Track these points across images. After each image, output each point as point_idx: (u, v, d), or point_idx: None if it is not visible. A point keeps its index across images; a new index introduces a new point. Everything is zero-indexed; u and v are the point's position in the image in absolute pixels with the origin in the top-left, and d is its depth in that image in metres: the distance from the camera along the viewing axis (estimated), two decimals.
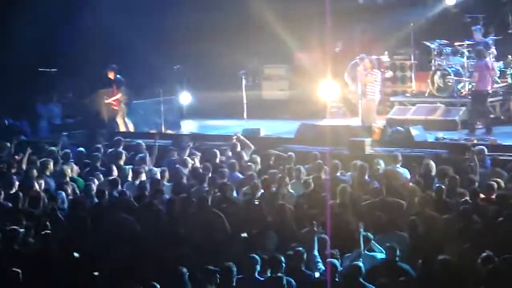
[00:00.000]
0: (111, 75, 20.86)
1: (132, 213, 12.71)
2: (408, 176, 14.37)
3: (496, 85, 20.70)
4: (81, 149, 16.96)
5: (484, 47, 20.30)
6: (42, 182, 14.42)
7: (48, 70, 22.51)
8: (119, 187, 14.02)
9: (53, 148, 16.79)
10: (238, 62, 21.84)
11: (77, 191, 14.30)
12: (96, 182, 14.39)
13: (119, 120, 20.98)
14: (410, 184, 13.62)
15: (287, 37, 22.80)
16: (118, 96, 20.83)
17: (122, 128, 20.85)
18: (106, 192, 13.49)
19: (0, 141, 17.43)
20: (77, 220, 12.46)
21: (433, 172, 14.12)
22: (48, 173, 14.98)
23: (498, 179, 13.14)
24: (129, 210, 12.83)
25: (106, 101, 20.89)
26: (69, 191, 14.02)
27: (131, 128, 20.93)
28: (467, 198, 12.38)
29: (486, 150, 14.95)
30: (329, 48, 23.03)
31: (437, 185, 13.02)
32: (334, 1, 21.10)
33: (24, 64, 22.19)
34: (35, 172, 14.71)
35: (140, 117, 21.55)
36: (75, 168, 15.43)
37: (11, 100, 21.79)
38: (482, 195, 12.60)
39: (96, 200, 13.50)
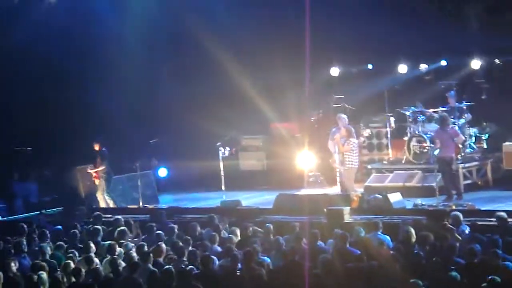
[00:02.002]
0: (96, 147, 20.80)
1: None
2: (390, 243, 14.32)
3: (471, 151, 20.88)
4: (59, 227, 16.80)
5: (459, 113, 20.54)
6: (17, 263, 14.20)
7: (24, 148, 22.44)
8: (94, 264, 13.84)
9: (31, 227, 16.62)
10: (215, 133, 21.91)
11: (57, 269, 14.09)
12: (75, 260, 14.22)
13: (99, 196, 20.86)
14: (391, 252, 13.55)
15: (264, 108, 22.97)
16: (101, 168, 20.74)
17: (103, 204, 20.70)
18: (83, 270, 13.32)
19: None
20: None
21: (413, 239, 14.07)
22: (23, 253, 14.78)
23: (477, 245, 13.10)
24: (108, 286, 12.65)
25: (89, 171, 20.78)
26: (47, 270, 13.81)
27: (111, 204, 20.78)
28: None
29: (461, 216, 14.94)
30: (305, 117, 23.20)
31: (420, 252, 12.96)
32: (310, 71, 21.31)
33: (0, 143, 22.15)
34: (12, 252, 14.52)
35: (119, 192, 21.45)
36: (64, 246, 15.23)
37: None
38: (461, 261, 12.56)
39: (73, 279, 13.32)
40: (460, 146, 19.98)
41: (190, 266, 13.28)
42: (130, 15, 23.39)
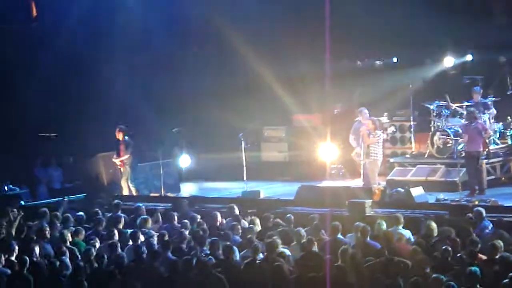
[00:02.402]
0: (119, 136, 20.81)
1: (133, 276, 12.60)
2: (411, 237, 14.28)
3: (495, 146, 20.75)
4: (81, 213, 16.88)
5: (483, 108, 20.44)
6: (40, 247, 14.29)
7: (48, 135, 22.55)
8: (119, 250, 13.90)
9: (54, 213, 16.72)
10: (237, 124, 21.92)
11: (78, 256, 14.17)
12: (97, 246, 14.29)
13: (123, 183, 20.90)
14: (412, 246, 13.51)
15: (286, 99, 22.95)
16: (126, 157, 20.76)
17: (126, 192, 20.75)
18: (105, 257, 13.39)
19: (1, 206, 17.38)
20: (76, 286, 12.32)
21: (435, 234, 14.02)
22: (46, 239, 14.86)
23: (500, 241, 13.03)
24: (129, 273, 12.72)
25: (114, 160, 20.81)
26: (68, 256, 13.89)
27: (134, 192, 20.83)
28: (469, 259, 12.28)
29: (484, 211, 14.87)
30: (328, 110, 23.16)
31: (443, 247, 12.88)
32: (333, 63, 21.25)
33: (25, 129, 22.27)
34: (34, 237, 14.62)
35: (141, 180, 21.50)
36: (83, 232, 15.30)
37: (11, 165, 21.79)
38: (483, 257, 12.50)
39: (96, 264, 13.38)
40: (487, 141, 19.88)
41: (210, 256, 13.31)
42: (153, 1, 23.40)
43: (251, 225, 15.30)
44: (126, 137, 20.79)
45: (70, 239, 14.85)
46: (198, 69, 24.01)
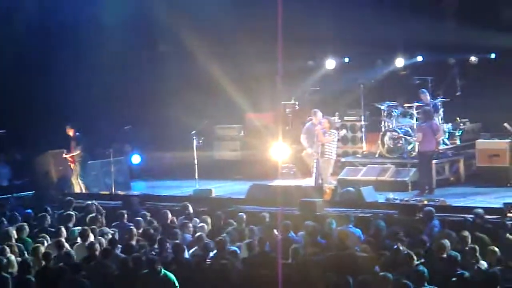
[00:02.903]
0: (70, 132, 20.62)
1: (82, 274, 12.50)
2: (361, 236, 14.38)
3: (445, 147, 20.99)
4: (29, 210, 16.69)
5: (434, 109, 20.65)
6: None
7: None
8: (65, 249, 13.77)
9: (2, 210, 16.52)
10: (189, 122, 21.86)
11: (24, 253, 14.03)
12: (45, 244, 14.16)
13: (74, 180, 20.74)
14: (362, 244, 13.60)
15: (239, 98, 22.95)
16: (77, 153, 20.58)
17: (77, 189, 20.59)
18: (53, 255, 13.26)
19: None
20: (24, 284, 12.19)
21: (384, 233, 14.14)
22: None
23: (446, 240, 13.18)
24: (79, 271, 12.61)
25: (64, 156, 20.62)
26: (15, 253, 13.73)
27: (83, 190, 20.68)
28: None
29: (434, 210, 15.03)
30: (280, 109, 23.21)
31: (393, 246, 13.00)
32: (285, 62, 21.30)
33: None
34: None
35: (92, 178, 21.35)
36: (27, 229, 15.14)
37: None
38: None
39: (43, 262, 13.25)
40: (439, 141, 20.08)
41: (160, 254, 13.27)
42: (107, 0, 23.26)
43: (202, 224, 15.28)
44: (77, 134, 20.62)
45: (16, 237, 14.68)
46: (151, 67, 23.92)
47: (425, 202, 17.00)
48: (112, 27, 22.94)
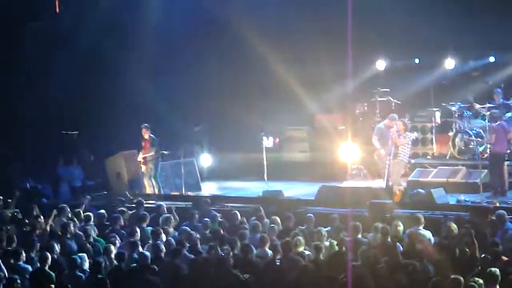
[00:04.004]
0: (145, 134, 20.80)
1: (154, 274, 12.65)
2: (432, 238, 14.26)
3: None
4: (102, 211, 16.95)
5: (505, 109, 20.35)
6: (62, 245, 14.38)
7: (70, 132, 22.67)
8: (139, 249, 13.95)
9: (75, 210, 16.81)
10: (259, 124, 21.94)
11: (100, 252, 14.24)
12: (117, 244, 14.36)
13: (146, 181, 20.92)
14: (432, 246, 13.49)
15: (308, 99, 22.95)
16: (151, 154, 20.75)
17: (149, 190, 20.79)
18: (126, 254, 13.44)
19: (23, 204, 17.52)
20: (97, 283, 12.41)
21: (455, 235, 13.99)
22: (69, 235, 14.96)
23: None
24: (150, 271, 12.77)
25: (139, 157, 20.84)
26: (91, 253, 13.97)
27: (157, 190, 20.84)
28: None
29: (506, 214, 14.82)
30: (349, 110, 23.13)
31: (463, 248, 12.86)
32: (354, 64, 21.23)
33: (47, 127, 22.40)
34: (56, 234, 14.71)
35: (162, 179, 21.55)
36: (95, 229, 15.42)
37: (33, 163, 21.92)
38: (505, 258, 12.46)
39: (115, 262, 13.44)
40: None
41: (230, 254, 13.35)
42: (177, 2, 23.48)
43: (272, 225, 15.32)
44: (152, 135, 20.80)
45: (94, 236, 14.93)
46: (221, 69, 24.06)
47: (497, 204, 16.77)
48: (183, 32, 23.15)
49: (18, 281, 12.00)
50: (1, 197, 17.83)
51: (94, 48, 22.86)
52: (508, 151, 19.56)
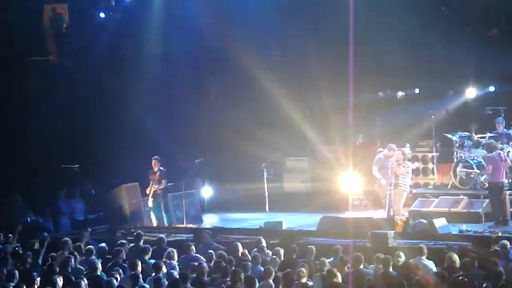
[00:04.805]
0: (155, 166, 20.75)
1: None
2: (434, 268, 14.20)
3: None
4: (103, 244, 16.89)
5: (506, 138, 20.36)
6: (65, 278, 14.31)
7: (71, 166, 22.67)
8: (140, 282, 13.88)
9: (76, 244, 16.75)
10: (259, 155, 21.96)
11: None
12: (118, 278, 14.29)
13: (153, 215, 20.86)
14: (434, 276, 13.43)
15: (309, 130, 22.98)
16: (162, 186, 20.73)
17: (155, 223, 20.74)
18: None
19: (25, 238, 17.47)
20: None
21: (457, 265, 13.93)
22: (69, 269, 14.89)
23: None
24: None
25: (148, 191, 20.78)
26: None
27: (166, 223, 20.82)
28: None
29: (508, 243, 14.77)
30: (350, 141, 23.16)
31: (460, 278, 12.80)
32: (355, 95, 21.30)
33: (48, 161, 22.41)
34: (56, 269, 14.64)
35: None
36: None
37: (34, 197, 21.90)
38: None
39: None
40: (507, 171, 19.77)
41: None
42: (178, 34, 23.60)
43: (274, 256, 15.28)
44: (162, 168, 20.79)
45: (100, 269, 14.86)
46: (221, 101, 24.13)
47: (500, 234, 16.72)
48: (185, 64, 23.26)
49: None
50: (0, 233, 17.75)
51: (95, 81, 22.96)
52: (509, 180, 19.52)
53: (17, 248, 16.76)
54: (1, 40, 22.35)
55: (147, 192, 20.80)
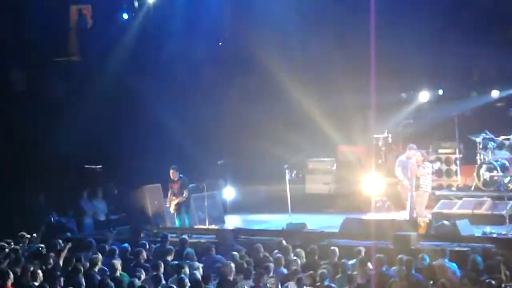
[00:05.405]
0: (174, 176, 20.59)
1: None
2: (457, 271, 14.14)
3: None
4: (126, 245, 16.94)
5: None
6: (90, 277, 14.37)
7: (94, 167, 22.74)
8: (163, 283, 13.91)
9: (101, 244, 16.82)
10: (282, 156, 21.95)
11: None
12: (142, 278, 14.32)
13: (177, 218, 20.90)
14: (458, 279, 13.38)
15: (331, 131, 22.95)
16: (183, 197, 20.58)
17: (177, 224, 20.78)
18: None
19: (48, 238, 17.55)
20: None
21: (481, 267, 13.86)
22: (96, 269, 14.94)
23: None
24: None
25: (171, 209, 20.68)
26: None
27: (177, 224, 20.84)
28: None
29: None
30: (372, 141, 23.09)
31: (487, 280, 12.74)
32: (377, 95, 21.24)
33: (71, 161, 22.51)
34: (81, 269, 14.71)
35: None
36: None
37: (57, 197, 22.01)
38: None
39: None
40: None
41: None
42: (201, 35, 23.64)
43: (295, 258, 15.26)
44: (181, 176, 20.73)
45: (119, 270, 14.91)
46: (244, 101, 24.13)
47: None
48: (207, 65, 23.30)
49: None
50: (25, 233, 17.84)
51: (118, 82, 23.04)
52: None
53: (40, 249, 16.84)
54: (25, 41, 22.48)
55: (167, 205, 20.77)
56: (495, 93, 22.98)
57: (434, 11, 22.25)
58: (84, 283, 13.95)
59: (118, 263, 15.02)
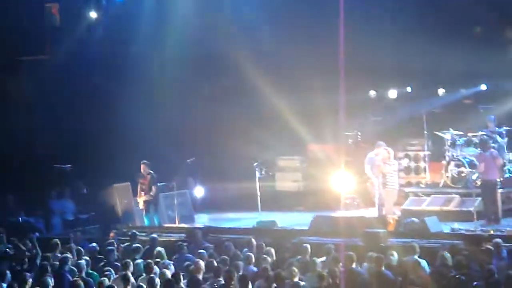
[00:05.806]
0: (144, 171, 20.64)
1: None
2: (427, 267, 14.21)
3: (509, 175, 20.64)
4: (94, 244, 16.86)
5: (500, 137, 20.39)
6: (58, 278, 14.28)
7: (63, 166, 22.61)
8: (131, 283, 13.85)
9: (67, 245, 16.72)
10: (251, 154, 21.95)
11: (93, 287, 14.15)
12: (111, 277, 14.26)
13: (145, 217, 20.84)
14: (428, 275, 13.45)
15: (301, 129, 22.98)
16: (151, 194, 20.62)
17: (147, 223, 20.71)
18: None
19: (15, 238, 17.42)
20: None
21: (450, 264, 13.95)
22: (66, 269, 14.85)
23: None
24: None
25: (141, 198, 20.70)
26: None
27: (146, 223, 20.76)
28: None
29: (501, 241, 14.79)
30: (342, 139, 23.16)
31: (457, 276, 12.83)
32: (347, 93, 21.29)
33: (40, 161, 22.36)
34: (48, 269, 14.61)
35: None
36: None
37: (25, 197, 21.86)
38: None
39: None
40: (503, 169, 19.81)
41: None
42: (170, 34, 23.58)
43: (265, 256, 15.26)
44: (151, 172, 20.69)
45: (86, 270, 14.83)
46: (214, 100, 24.11)
47: (492, 232, 16.76)
48: (177, 63, 23.24)
49: None
50: None
51: (87, 81, 22.92)
52: (500, 179, 19.56)
53: (7, 249, 16.71)
54: None
55: (137, 199, 20.72)
56: (462, 90, 23.10)
57: (402, 10, 22.35)
58: (52, 283, 13.84)
59: (85, 263, 14.94)
